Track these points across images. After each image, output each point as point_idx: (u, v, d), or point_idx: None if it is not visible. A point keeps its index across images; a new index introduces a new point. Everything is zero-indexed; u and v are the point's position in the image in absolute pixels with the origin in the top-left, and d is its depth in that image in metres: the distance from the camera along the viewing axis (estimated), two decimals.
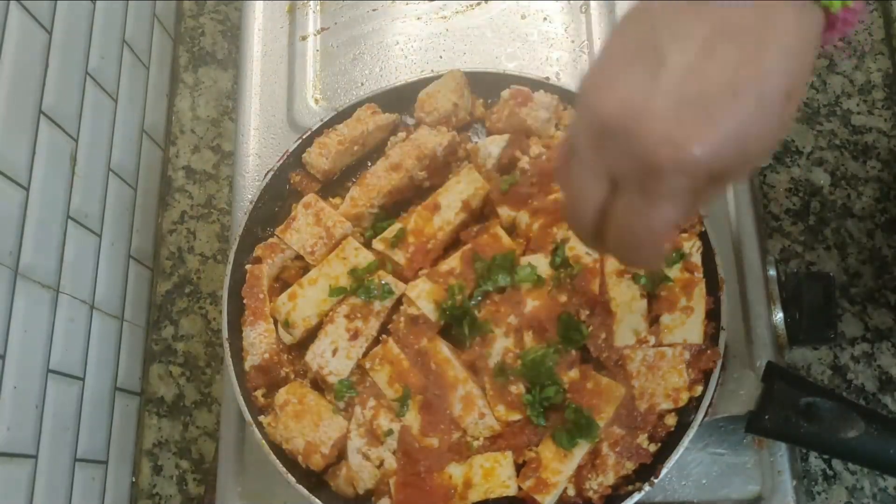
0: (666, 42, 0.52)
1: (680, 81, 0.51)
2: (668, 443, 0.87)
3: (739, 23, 0.52)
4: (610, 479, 0.86)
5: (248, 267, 0.97)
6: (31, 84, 0.93)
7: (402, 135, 1.02)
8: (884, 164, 1.16)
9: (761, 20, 0.52)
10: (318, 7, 1.20)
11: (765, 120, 0.52)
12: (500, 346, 0.90)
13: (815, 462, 1.04)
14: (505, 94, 1.00)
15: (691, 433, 0.86)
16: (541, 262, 0.92)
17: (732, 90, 0.51)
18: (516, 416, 0.88)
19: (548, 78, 1.02)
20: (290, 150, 1.02)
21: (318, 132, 1.02)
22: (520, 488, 0.86)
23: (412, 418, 0.89)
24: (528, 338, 0.90)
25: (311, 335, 0.94)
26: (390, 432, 0.89)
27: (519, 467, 0.87)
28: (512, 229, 0.96)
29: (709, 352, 0.88)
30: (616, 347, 0.89)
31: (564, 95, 1.00)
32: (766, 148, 0.55)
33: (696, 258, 0.92)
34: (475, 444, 0.88)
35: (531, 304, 0.90)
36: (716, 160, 0.52)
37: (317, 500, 0.87)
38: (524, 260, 0.92)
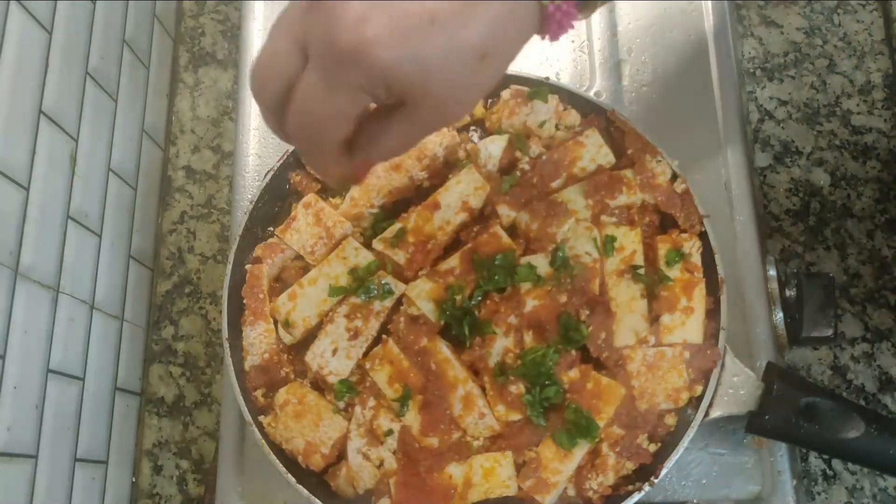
0: None
1: None
2: (668, 443, 0.87)
3: None
4: (610, 479, 0.86)
5: (248, 267, 0.97)
6: (31, 84, 0.93)
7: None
8: (884, 165, 1.16)
9: None
10: None
11: (451, 62, 0.56)
12: (500, 346, 0.90)
13: (815, 462, 1.04)
14: (505, 94, 1.00)
15: (691, 433, 0.86)
16: (541, 262, 0.92)
17: (431, 18, 0.54)
18: (516, 416, 0.88)
19: (548, 78, 1.02)
20: (291, 150, 1.02)
21: None
22: (520, 488, 0.86)
23: (412, 418, 0.89)
24: (528, 338, 0.90)
25: (311, 335, 0.94)
26: (390, 432, 0.89)
27: (519, 467, 0.87)
28: (512, 229, 0.96)
29: (709, 352, 0.88)
30: (616, 347, 0.89)
31: (565, 95, 1.00)
32: (447, 94, 0.57)
33: (696, 258, 0.92)
34: (475, 444, 0.88)
35: (531, 304, 0.90)
36: (391, 69, 0.54)
37: (317, 500, 0.87)
38: (524, 260, 0.92)
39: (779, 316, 0.98)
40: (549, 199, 0.95)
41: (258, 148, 1.13)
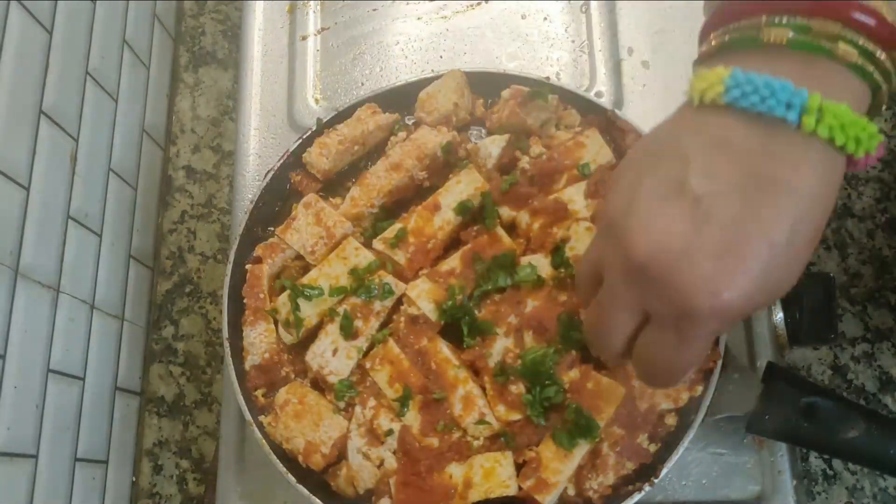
0: (701, 185, 0.54)
1: (719, 232, 0.53)
2: (668, 443, 0.87)
3: (768, 171, 0.53)
4: (610, 479, 0.86)
5: (248, 267, 0.97)
6: (31, 84, 0.93)
7: (402, 135, 1.02)
8: (884, 164, 1.16)
9: (790, 169, 0.53)
10: (319, 7, 1.20)
11: (793, 264, 0.55)
12: (500, 346, 0.90)
13: (815, 462, 1.04)
14: (505, 94, 1.00)
15: (691, 433, 0.86)
16: (541, 262, 0.92)
17: (768, 241, 0.53)
18: (516, 416, 0.88)
19: (548, 78, 1.02)
20: (291, 150, 1.02)
21: (319, 132, 1.02)
22: (520, 488, 0.86)
23: (412, 418, 0.89)
24: (528, 338, 0.90)
25: (311, 335, 0.94)
26: (390, 432, 0.89)
27: (519, 467, 0.87)
28: (512, 229, 0.96)
29: (709, 352, 0.88)
30: None
31: (565, 95, 1.00)
32: (790, 286, 0.57)
33: None
34: (475, 444, 0.88)
35: (531, 304, 0.90)
36: (749, 306, 0.54)
37: (317, 500, 0.87)
38: (524, 260, 0.92)
39: (779, 316, 0.98)
40: (549, 199, 0.95)
41: (258, 148, 1.13)
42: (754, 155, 0.53)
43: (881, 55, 0.54)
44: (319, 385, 0.94)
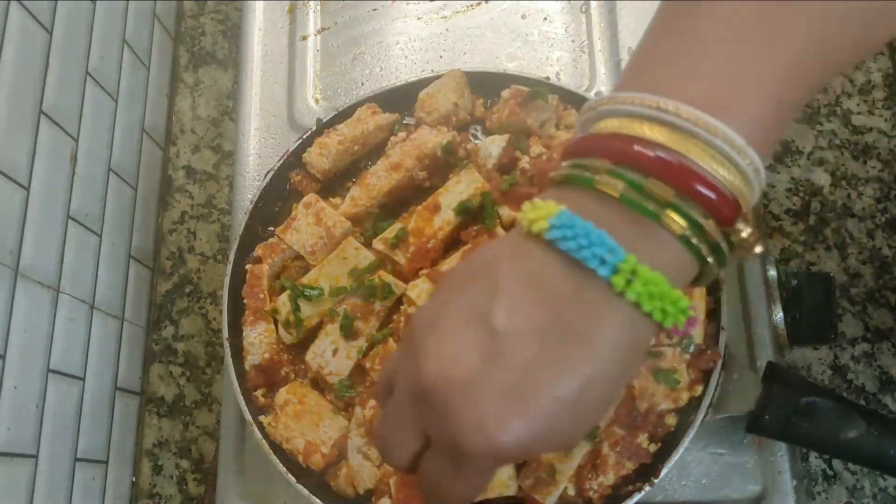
0: (503, 320, 0.51)
1: (507, 374, 0.50)
2: (668, 443, 0.87)
3: (572, 320, 0.50)
4: (610, 479, 0.86)
5: (248, 267, 0.97)
6: (31, 84, 0.93)
7: (402, 135, 1.02)
8: (884, 164, 1.16)
9: (593, 323, 0.51)
10: (319, 7, 1.20)
11: (579, 420, 0.53)
12: None
13: (815, 462, 1.04)
14: (505, 94, 1.00)
15: (691, 433, 0.86)
16: None
17: (555, 394, 0.50)
18: None
19: (548, 78, 1.02)
20: (291, 150, 1.02)
21: (319, 132, 1.02)
22: (520, 488, 0.86)
23: None
24: None
25: (311, 335, 0.94)
26: None
27: (519, 467, 0.87)
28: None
29: (709, 352, 0.88)
30: None
31: (565, 95, 1.00)
32: (574, 441, 0.55)
33: None
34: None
35: None
36: (524, 452, 0.52)
37: (317, 500, 0.87)
38: None
39: (779, 316, 0.98)
40: None
41: (258, 148, 1.13)
42: (563, 300, 0.51)
43: (713, 231, 0.50)
44: (319, 385, 0.94)
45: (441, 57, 1.15)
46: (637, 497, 0.85)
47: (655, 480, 0.85)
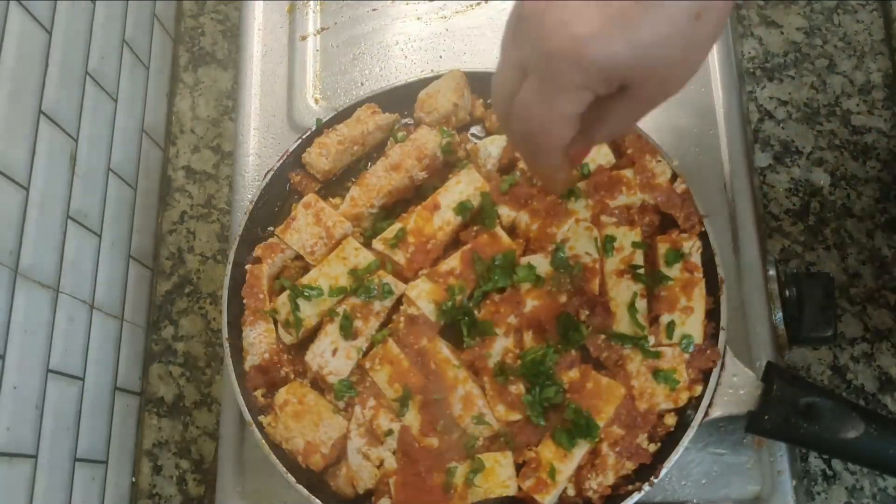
0: None
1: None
2: (668, 443, 0.87)
3: None
4: (610, 478, 0.86)
5: (248, 267, 0.97)
6: (31, 84, 0.93)
7: (401, 135, 1.02)
8: (884, 164, 1.16)
9: None
10: (318, 7, 1.20)
11: (667, 36, 0.53)
12: (500, 346, 0.90)
13: (815, 462, 1.04)
14: None
15: (691, 433, 0.86)
16: (541, 262, 0.92)
17: (669, 13, 0.52)
18: (516, 417, 0.88)
19: None
20: (290, 150, 1.02)
21: (318, 132, 1.02)
22: (520, 488, 0.86)
23: (412, 418, 0.89)
24: (528, 338, 0.90)
25: (311, 335, 0.94)
26: (390, 432, 0.89)
27: (519, 467, 0.87)
28: (512, 229, 0.96)
29: (709, 352, 0.88)
30: (616, 347, 0.89)
31: None
32: (670, 67, 0.55)
33: (696, 258, 0.92)
34: (475, 444, 0.88)
35: (531, 304, 0.90)
36: (609, 61, 0.52)
37: (317, 500, 0.87)
38: (524, 260, 0.92)
39: (779, 316, 0.98)
40: (549, 198, 0.95)
41: (258, 148, 1.13)
42: None
43: None
44: (319, 385, 0.94)
45: (441, 57, 1.15)
46: (637, 497, 0.85)
47: (655, 480, 0.85)
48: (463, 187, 0.96)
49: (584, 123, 0.60)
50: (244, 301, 0.96)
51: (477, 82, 1.03)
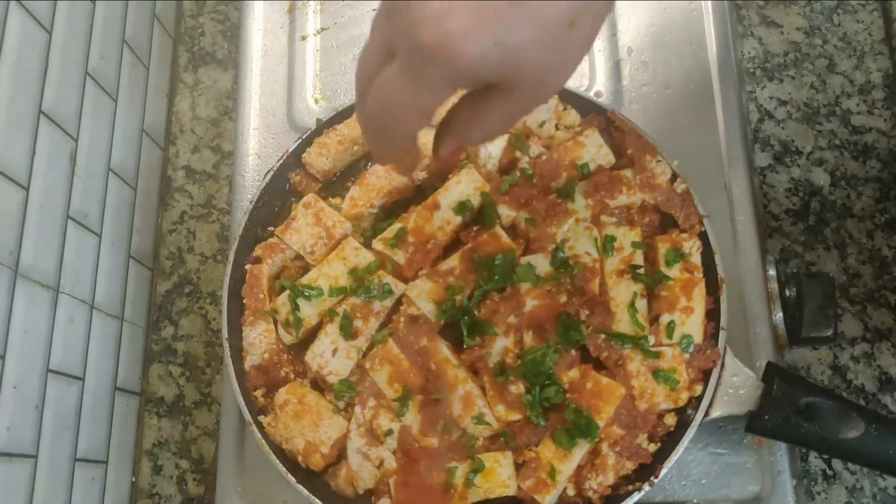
0: None
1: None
2: (668, 443, 0.87)
3: None
4: (610, 478, 0.86)
5: (248, 267, 0.97)
6: (31, 84, 0.93)
7: None
8: (884, 164, 1.16)
9: None
10: (318, 7, 1.20)
11: (539, 39, 0.52)
12: (500, 346, 0.90)
13: (815, 462, 1.04)
14: None
15: (691, 433, 0.86)
16: (541, 262, 0.92)
17: (543, 12, 0.51)
18: (516, 416, 0.88)
19: None
20: (290, 150, 1.02)
21: (318, 132, 1.02)
22: (520, 488, 0.86)
23: (412, 418, 0.89)
24: (528, 338, 0.90)
25: (311, 335, 0.94)
26: (390, 432, 0.89)
27: (519, 467, 0.87)
28: (512, 229, 0.96)
29: (709, 352, 0.88)
30: (616, 347, 0.89)
31: (564, 96, 1.00)
32: (542, 70, 0.54)
33: (696, 258, 0.92)
34: (475, 444, 0.88)
35: (531, 304, 0.90)
36: (478, 60, 0.52)
37: (317, 500, 0.87)
38: (524, 260, 0.92)
39: (779, 316, 0.98)
40: (549, 199, 0.95)
41: (258, 148, 1.13)
42: None
43: None
44: (319, 385, 0.94)
45: None
46: (636, 497, 0.85)
47: (655, 480, 0.85)
48: (463, 187, 0.96)
49: (458, 124, 0.60)
50: (244, 301, 0.96)
51: None
